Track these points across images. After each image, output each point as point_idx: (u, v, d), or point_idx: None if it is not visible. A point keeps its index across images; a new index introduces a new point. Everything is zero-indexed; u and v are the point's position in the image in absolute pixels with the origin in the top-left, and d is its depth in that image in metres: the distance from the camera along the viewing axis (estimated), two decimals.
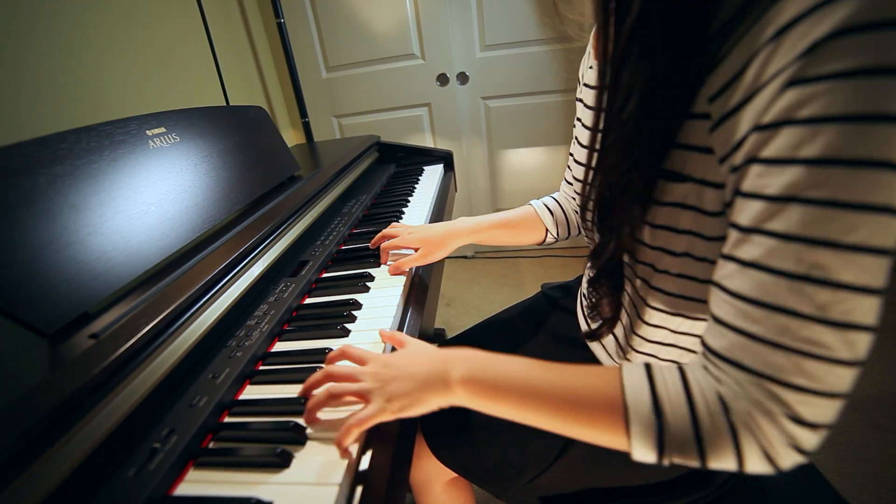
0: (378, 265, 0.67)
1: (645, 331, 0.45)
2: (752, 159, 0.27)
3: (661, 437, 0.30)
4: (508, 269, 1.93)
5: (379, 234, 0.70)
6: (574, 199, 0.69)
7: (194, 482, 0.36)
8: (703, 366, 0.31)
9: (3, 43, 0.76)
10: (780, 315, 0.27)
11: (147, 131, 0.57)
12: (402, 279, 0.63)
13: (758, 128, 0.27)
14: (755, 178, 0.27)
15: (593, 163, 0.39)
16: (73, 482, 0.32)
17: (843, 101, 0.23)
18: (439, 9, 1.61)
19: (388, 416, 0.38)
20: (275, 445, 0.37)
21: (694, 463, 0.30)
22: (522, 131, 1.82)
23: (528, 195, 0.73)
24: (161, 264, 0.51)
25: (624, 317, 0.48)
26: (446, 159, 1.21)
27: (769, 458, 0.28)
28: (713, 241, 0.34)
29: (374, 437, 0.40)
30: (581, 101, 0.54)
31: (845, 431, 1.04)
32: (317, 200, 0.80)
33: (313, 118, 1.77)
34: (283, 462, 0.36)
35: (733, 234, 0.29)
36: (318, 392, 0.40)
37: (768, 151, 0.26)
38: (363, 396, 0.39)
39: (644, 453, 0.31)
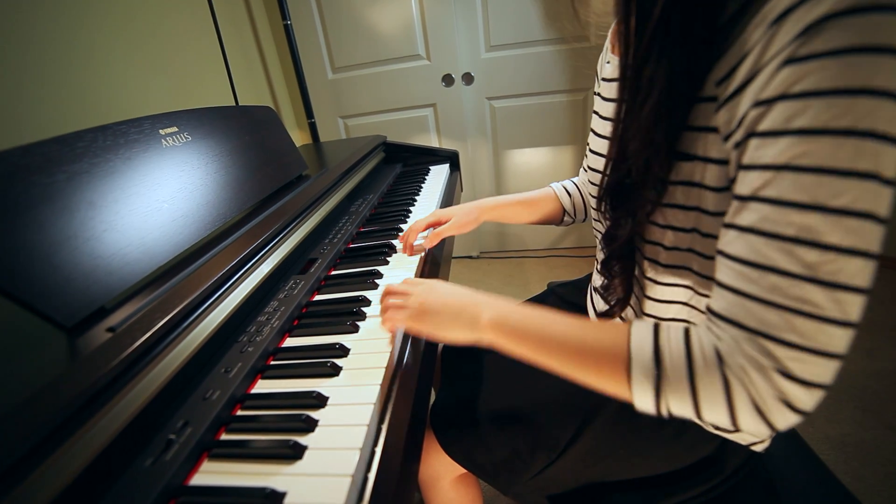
0: (387, 262, 0.68)
1: (653, 308, 0.47)
2: (751, 134, 0.30)
3: (658, 384, 0.33)
4: (514, 269, 1.93)
5: (405, 234, 0.72)
6: (590, 184, 0.71)
7: (209, 473, 0.37)
8: (707, 326, 0.33)
9: (8, 41, 0.78)
10: (772, 275, 0.29)
11: (160, 130, 0.58)
12: (411, 274, 0.63)
13: (757, 103, 0.29)
14: (753, 151, 0.30)
15: (613, 152, 0.42)
16: (93, 471, 0.33)
17: (831, 76, 0.26)
18: (445, 10, 1.62)
19: (420, 332, 0.47)
20: (287, 437, 0.37)
21: (689, 411, 0.32)
22: (528, 132, 1.82)
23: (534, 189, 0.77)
24: (174, 260, 0.52)
25: (632, 297, 0.49)
26: (452, 159, 1.21)
27: (760, 412, 0.30)
28: (716, 216, 0.36)
29: (388, 426, 0.40)
30: (598, 94, 0.56)
31: (856, 433, 1.03)
32: (325, 199, 0.81)
33: (319, 119, 1.79)
34: (295, 454, 0.36)
35: (734, 205, 0.32)
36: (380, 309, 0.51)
37: (764, 125, 0.29)
38: (407, 313, 0.47)
39: (643, 397, 0.34)
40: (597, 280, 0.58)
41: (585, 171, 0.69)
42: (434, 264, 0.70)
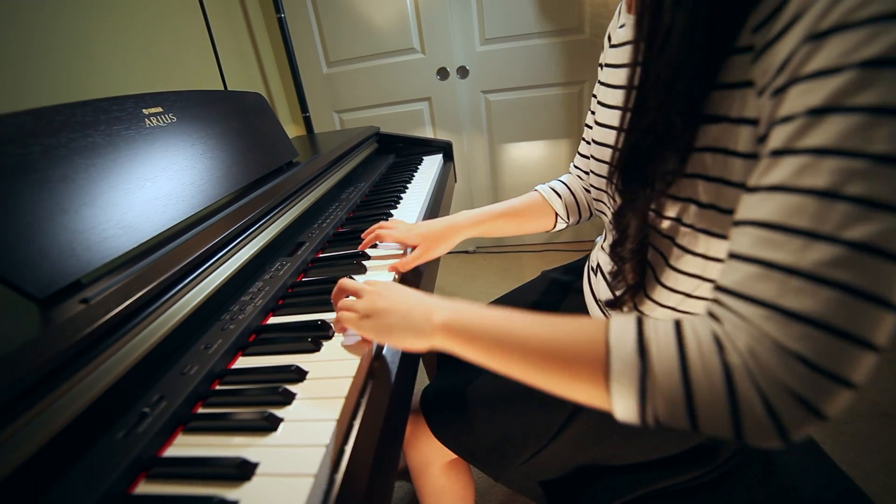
0: (375, 246, 0.67)
1: (660, 294, 0.43)
2: (795, 79, 0.25)
3: (644, 382, 0.27)
4: (510, 264, 1.93)
5: (372, 234, 0.65)
6: (587, 174, 0.64)
7: (183, 445, 0.36)
8: (707, 311, 0.28)
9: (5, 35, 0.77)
10: (803, 238, 0.24)
11: (143, 110, 0.57)
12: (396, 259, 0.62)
13: (809, 38, 0.24)
14: (794, 99, 0.25)
15: (625, 123, 0.37)
16: (61, 442, 0.32)
17: None
18: (439, 3, 1.62)
19: (365, 334, 0.44)
20: (263, 409, 0.36)
21: (681, 418, 0.26)
22: (523, 125, 1.81)
23: (529, 189, 0.70)
24: (155, 239, 0.51)
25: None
26: (445, 149, 1.21)
27: (770, 411, 0.24)
28: (739, 188, 0.32)
29: (366, 406, 0.39)
30: (608, 65, 0.51)
31: (853, 421, 1.02)
32: (314, 185, 0.80)
33: (314, 113, 1.78)
34: (271, 426, 0.35)
35: (761, 164, 0.27)
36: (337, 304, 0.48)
37: (815, 63, 0.24)
38: (359, 315, 0.43)
39: (624, 402, 0.28)
40: (604, 264, 0.53)
41: (584, 156, 0.66)
42: (416, 276, 0.68)
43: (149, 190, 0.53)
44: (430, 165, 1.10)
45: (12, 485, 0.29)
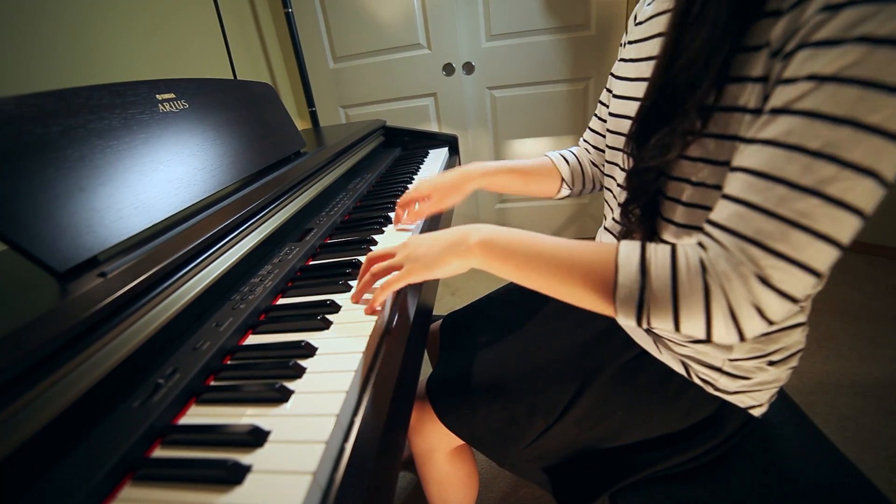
0: (382, 231, 0.68)
1: None
2: (803, 45, 0.28)
3: (643, 293, 0.34)
4: None
5: (400, 203, 0.69)
6: (595, 149, 0.69)
7: (197, 416, 0.37)
8: (698, 241, 0.34)
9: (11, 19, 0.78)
10: (782, 187, 0.29)
11: (157, 95, 0.59)
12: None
13: (825, 8, 0.27)
14: (800, 63, 0.29)
15: (657, 76, 0.39)
16: (79, 409, 0.33)
17: None
18: None
19: (414, 276, 0.45)
20: (274, 381, 0.37)
21: (668, 320, 0.34)
22: (528, 121, 1.82)
23: None
24: (168, 220, 0.52)
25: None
26: (451, 143, 1.21)
27: (733, 317, 0.31)
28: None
29: (375, 379, 0.40)
30: (631, 42, 0.53)
31: (856, 418, 1.02)
32: (322, 174, 0.81)
33: (320, 108, 1.79)
34: (282, 397, 0.36)
35: (761, 119, 0.31)
36: (365, 278, 0.48)
37: (823, 32, 0.27)
38: (396, 266, 0.47)
39: (626, 308, 0.35)
40: (602, 238, 0.58)
41: (594, 131, 0.68)
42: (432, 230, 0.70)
43: (162, 173, 0.54)
44: (436, 158, 1.10)
45: (36, 447, 0.30)
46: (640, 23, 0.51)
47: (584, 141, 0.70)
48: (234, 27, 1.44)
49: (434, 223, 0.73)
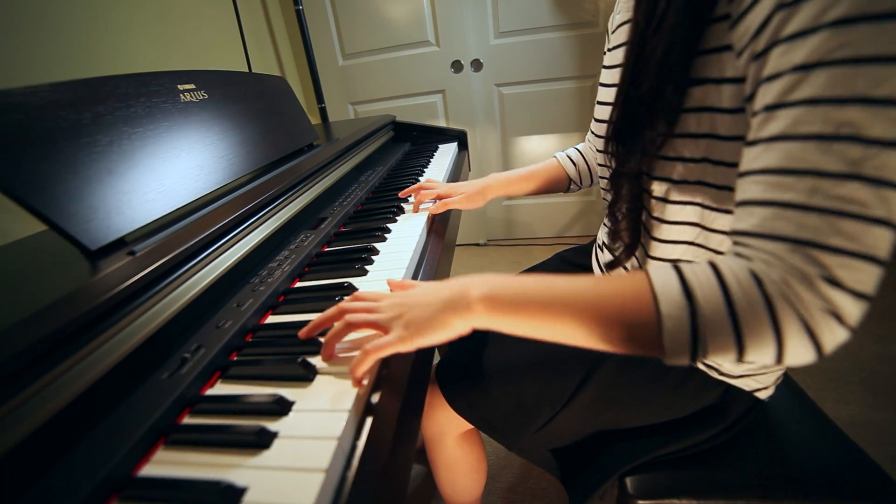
0: (395, 220, 0.69)
1: (660, 249, 0.46)
2: (775, 42, 0.28)
3: (694, 321, 0.29)
4: (521, 256, 1.94)
5: (415, 186, 0.76)
6: (596, 138, 0.72)
7: (221, 389, 0.38)
8: (734, 252, 0.30)
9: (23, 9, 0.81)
10: (811, 177, 0.26)
11: (178, 85, 0.60)
12: (418, 230, 0.64)
13: (781, 6, 0.28)
14: (777, 58, 0.28)
15: (624, 83, 0.41)
16: (113, 378, 0.34)
17: None
18: None
19: (407, 345, 0.36)
20: (297, 356, 0.39)
21: (731, 349, 0.28)
22: (536, 118, 1.82)
23: None
24: (190, 205, 0.54)
25: (638, 246, 0.49)
26: (460, 138, 1.23)
27: (809, 331, 0.27)
28: (730, 141, 0.36)
29: (384, 382, 0.38)
30: (610, 49, 0.56)
31: (866, 414, 1.02)
32: (335, 165, 0.82)
33: (329, 104, 1.81)
34: (306, 374, 0.37)
35: (757, 120, 0.30)
36: (337, 324, 0.39)
37: (791, 27, 0.27)
38: (381, 327, 0.38)
39: (677, 342, 0.29)
40: (602, 236, 0.59)
41: (592, 131, 0.70)
42: (443, 222, 0.71)
43: (183, 160, 0.55)
44: (446, 153, 1.12)
45: (75, 412, 0.31)
46: (614, 31, 0.54)
47: (588, 140, 0.76)
48: (245, 23, 1.46)
49: (445, 215, 0.75)
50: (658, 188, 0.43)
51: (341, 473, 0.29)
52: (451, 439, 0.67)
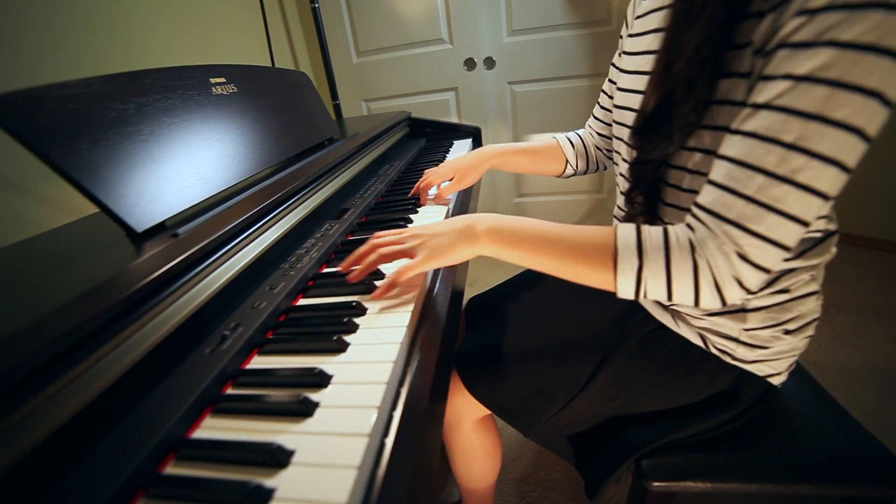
0: (416, 212, 0.71)
1: None
2: (783, 45, 0.32)
3: (640, 266, 0.38)
4: None
5: (416, 185, 0.76)
6: (599, 135, 0.75)
7: (260, 364, 0.40)
8: (686, 222, 0.39)
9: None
10: (760, 175, 0.33)
11: (210, 79, 0.63)
12: (440, 219, 0.66)
13: (801, 12, 0.31)
14: (779, 62, 0.32)
15: (656, 75, 0.43)
16: (160, 353, 0.37)
17: None
18: None
19: (429, 264, 0.46)
20: (332, 334, 0.41)
21: (662, 291, 0.38)
22: (548, 116, 1.83)
23: (552, 180, 0.80)
24: (223, 193, 0.56)
25: None
26: (474, 135, 1.24)
27: (717, 288, 0.37)
28: None
29: (420, 341, 0.42)
30: (632, 35, 0.56)
31: (879, 413, 1.02)
32: (355, 158, 0.85)
33: (343, 101, 1.84)
34: (340, 347, 0.40)
35: (744, 112, 0.35)
36: (370, 257, 0.48)
37: (800, 35, 0.30)
38: (407, 253, 0.47)
39: (626, 281, 0.39)
40: (618, 215, 0.61)
41: (598, 119, 0.73)
42: (462, 211, 0.73)
43: (216, 149, 0.58)
44: (461, 149, 1.13)
45: (129, 380, 0.33)
46: (640, 16, 0.54)
47: (589, 126, 0.77)
48: (259, 22, 1.49)
49: (464, 207, 0.76)
50: (674, 176, 0.45)
51: (380, 440, 0.31)
52: (468, 424, 0.69)
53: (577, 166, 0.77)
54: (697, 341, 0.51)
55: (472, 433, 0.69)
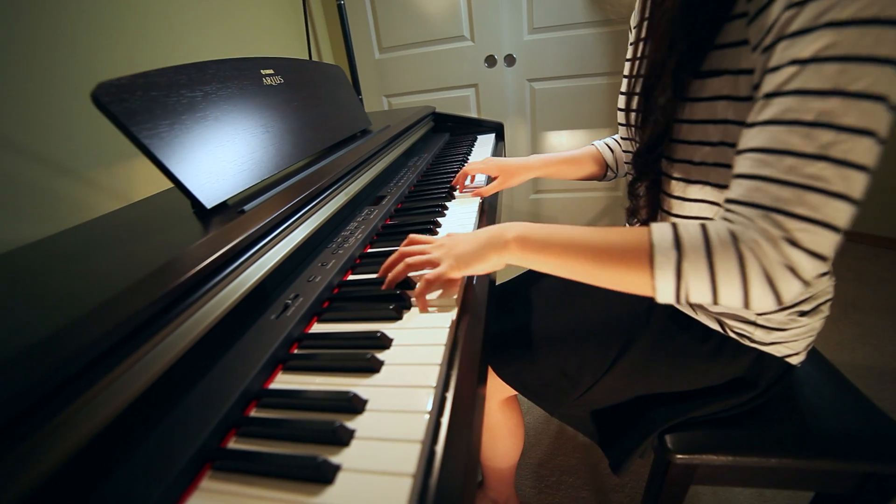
0: (453, 198, 0.75)
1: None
2: (781, 38, 0.33)
3: (679, 266, 0.35)
4: None
5: (460, 173, 0.80)
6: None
7: (323, 329, 0.44)
8: (721, 217, 0.36)
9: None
10: (789, 157, 0.32)
11: (261, 70, 0.67)
12: (472, 211, 0.70)
13: (789, 6, 0.33)
14: (780, 53, 0.33)
15: (636, 85, 0.47)
16: (234, 317, 0.40)
17: None
18: None
19: (455, 273, 0.46)
20: (388, 303, 0.44)
21: (706, 292, 0.35)
22: (566, 114, 1.85)
23: (567, 178, 0.85)
24: (273, 178, 0.60)
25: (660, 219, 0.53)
26: (497, 130, 1.27)
27: (770, 282, 0.33)
28: (744, 125, 0.40)
29: (460, 354, 0.43)
30: (632, 44, 0.60)
31: None
32: (389, 149, 0.88)
33: (365, 96, 1.88)
34: (397, 315, 0.43)
35: (757, 105, 0.35)
36: (398, 267, 0.48)
37: (795, 25, 0.32)
38: (434, 262, 0.47)
39: (664, 283, 0.36)
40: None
41: (622, 124, 0.75)
42: (491, 208, 0.76)
43: (268, 136, 0.62)
44: (485, 143, 1.16)
45: (209, 340, 0.37)
46: (636, 26, 0.58)
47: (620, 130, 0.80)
48: (287, 17, 1.53)
49: (493, 206, 0.79)
50: (678, 170, 0.47)
51: (441, 394, 0.35)
52: (494, 403, 0.72)
53: (616, 170, 0.81)
54: (716, 326, 0.53)
55: (498, 412, 0.73)
